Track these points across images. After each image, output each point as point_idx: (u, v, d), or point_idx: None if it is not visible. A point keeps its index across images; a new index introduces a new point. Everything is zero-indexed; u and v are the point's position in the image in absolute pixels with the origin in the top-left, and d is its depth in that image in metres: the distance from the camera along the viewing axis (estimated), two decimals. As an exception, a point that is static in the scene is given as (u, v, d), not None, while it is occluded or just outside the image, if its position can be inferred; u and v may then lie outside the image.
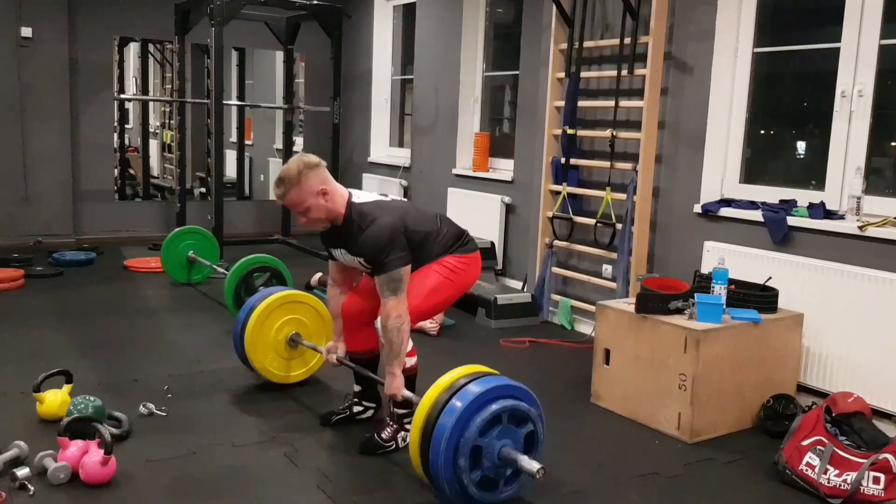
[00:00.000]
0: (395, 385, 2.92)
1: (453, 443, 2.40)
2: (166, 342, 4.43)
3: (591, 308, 4.15)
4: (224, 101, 6.57)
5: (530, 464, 2.42)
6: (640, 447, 3.25)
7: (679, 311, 3.39)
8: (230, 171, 9.04)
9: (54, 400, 3.15)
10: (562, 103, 4.91)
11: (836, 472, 2.78)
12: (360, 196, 3.00)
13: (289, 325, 3.55)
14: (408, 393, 2.94)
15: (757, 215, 3.90)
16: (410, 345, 3.05)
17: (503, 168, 5.93)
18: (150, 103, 9.57)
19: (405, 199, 3.17)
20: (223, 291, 4.73)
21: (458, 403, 2.44)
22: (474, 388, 2.47)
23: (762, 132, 4.35)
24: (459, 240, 3.11)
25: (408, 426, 3.08)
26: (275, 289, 3.74)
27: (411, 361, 3.05)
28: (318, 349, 3.45)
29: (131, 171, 8.82)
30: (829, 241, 3.59)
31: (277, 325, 3.52)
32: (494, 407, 2.44)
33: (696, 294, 3.38)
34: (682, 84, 4.33)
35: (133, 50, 8.96)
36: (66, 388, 3.24)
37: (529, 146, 5.43)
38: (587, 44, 4.81)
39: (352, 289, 3.27)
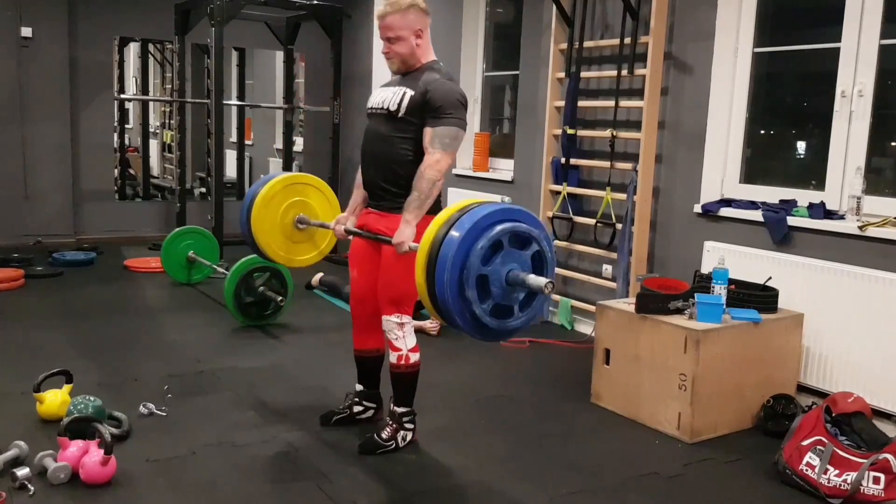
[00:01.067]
0: (407, 234, 2.80)
1: (456, 275, 2.30)
2: (166, 342, 4.43)
3: (591, 308, 4.15)
4: (224, 101, 6.57)
5: (537, 280, 2.33)
6: (640, 447, 3.25)
7: (679, 311, 3.39)
8: (230, 171, 9.05)
9: (54, 400, 3.15)
10: (562, 103, 4.91)
11: (836, 472, 2.78)
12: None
13: (295, 208, 3.46)
14: (415, 245, 2.76)
15: (757, 215, 3.90)
16: (414, 341, 3.04)
17: (503, 168, 5.93)
18: (150, 103, 9.58)
19: None
20: (223, 291, 4.73)
21: (455, 234, 2.32)
22: (471, 217, 2.35)
23: (762, 132, 4.35)
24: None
25: (408, 426, 3.09)
26: (277, 173, 3.62)
27: (415, 357, 3.04)
28: (325, 225, 3.37)
29: (131, 171, 8.84)
30: (829, 241, 3.59)
31: (283, 208, 3.42)
32: (494, 231, 2.32)
33: (696, 294, 3.38)
34: (682, 84, 4.33)
35: (133, 50, 8.97)
36: (66, 388, 3.24)
37: (529, 146, 5.43)
38: (587, 44, 4.81)
39: None
